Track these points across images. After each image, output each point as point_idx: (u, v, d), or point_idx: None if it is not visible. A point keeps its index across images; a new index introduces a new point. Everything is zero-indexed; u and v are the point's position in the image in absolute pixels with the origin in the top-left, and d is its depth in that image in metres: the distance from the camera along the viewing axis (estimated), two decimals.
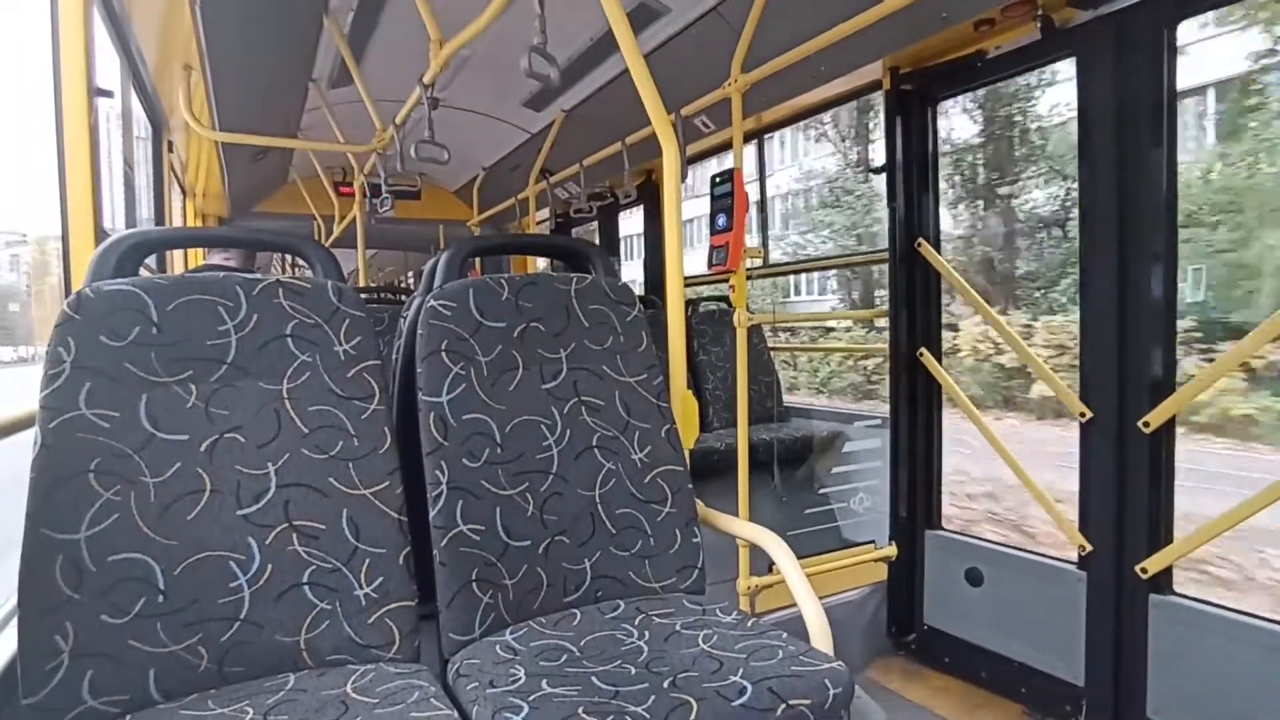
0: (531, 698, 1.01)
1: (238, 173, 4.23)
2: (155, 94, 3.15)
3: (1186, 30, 1.94)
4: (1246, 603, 3.69)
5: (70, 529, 1.05)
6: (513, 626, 1.27)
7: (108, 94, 2.62)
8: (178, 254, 3.92)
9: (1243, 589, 4.49)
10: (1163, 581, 1.89)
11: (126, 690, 1.04)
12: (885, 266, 2.59)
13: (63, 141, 1.57)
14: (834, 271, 12.95)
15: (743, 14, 2.22)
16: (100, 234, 1.61)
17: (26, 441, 1.11)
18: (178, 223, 4.20)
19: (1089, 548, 2.03)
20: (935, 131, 2.50)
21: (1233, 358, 1.79)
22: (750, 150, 3.80)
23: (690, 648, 1.16)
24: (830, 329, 11.82)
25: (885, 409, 2.66)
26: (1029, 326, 9.39)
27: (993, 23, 2.12)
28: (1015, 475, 2.28)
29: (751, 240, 3.11)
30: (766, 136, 3.86)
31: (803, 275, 15.13)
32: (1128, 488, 1.95)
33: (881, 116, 2.67)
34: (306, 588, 1.16)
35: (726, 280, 2.31)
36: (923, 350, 2.51)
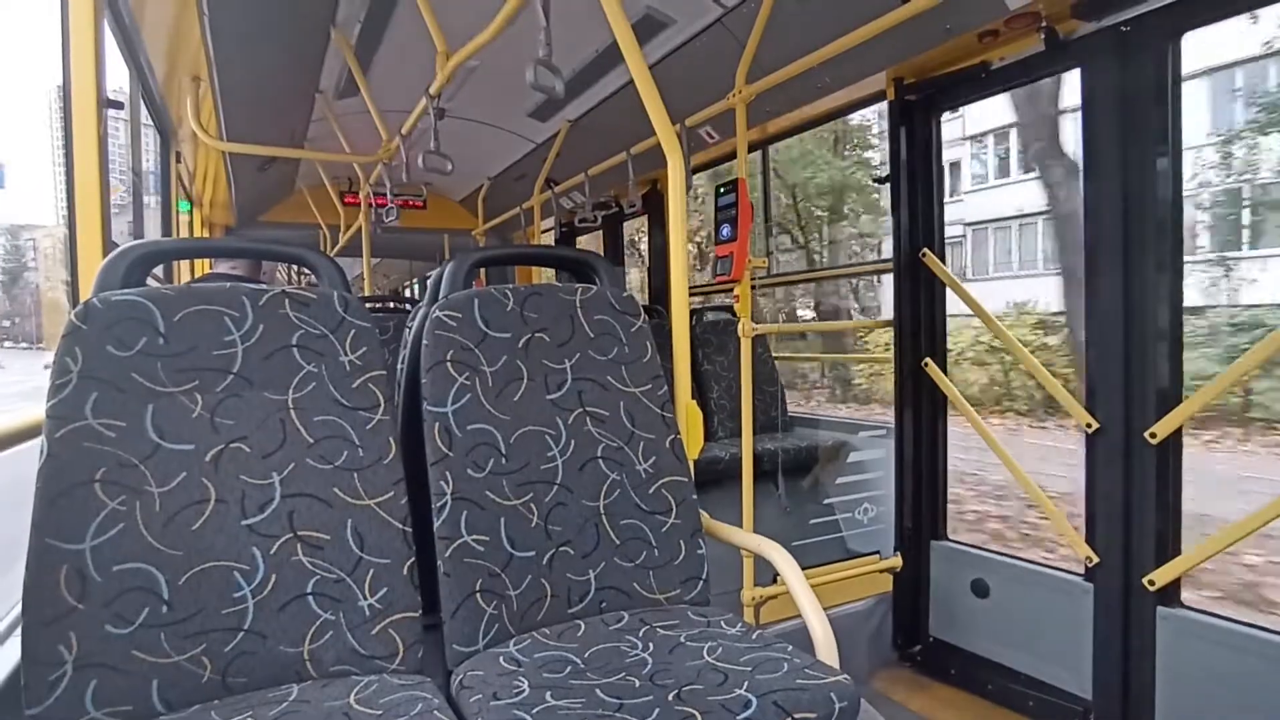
0: (535, 710, 1.00)
1: (244, 183, 4.26)
2: (164, 105, 3.18)
3: None
4: None
5: (75, 538, 1.05)
6: (517, 638, 1.26)
7: (118, 105, 2.65)
8: (185, 263, 3.94)
9: None
10: (1171, 594, 1.88)
11: (130, 701, 1.04)
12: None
13: (72, 152, 1.58)
14: None
15: (747, 26, 2.23)
16: (108, 244, 1.62)
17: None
18: (185, 232, 4.22)
19: (1096, 559, 2.02)
20: (939, 142, 2.50)
21: (1238, 370, 1.78)
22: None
23: (695, 660, 1.15)
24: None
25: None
26: None
27: (997, 34, 2.12)
28: (1024, 487, 2.28)
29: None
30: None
31: None
32: (1134, 499, 1.94)
33: None
34: (310, 598, 1.16)
35: (731, 291, 2.32)
36: (927, 360, 2.50)
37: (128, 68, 2.72)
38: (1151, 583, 1.87)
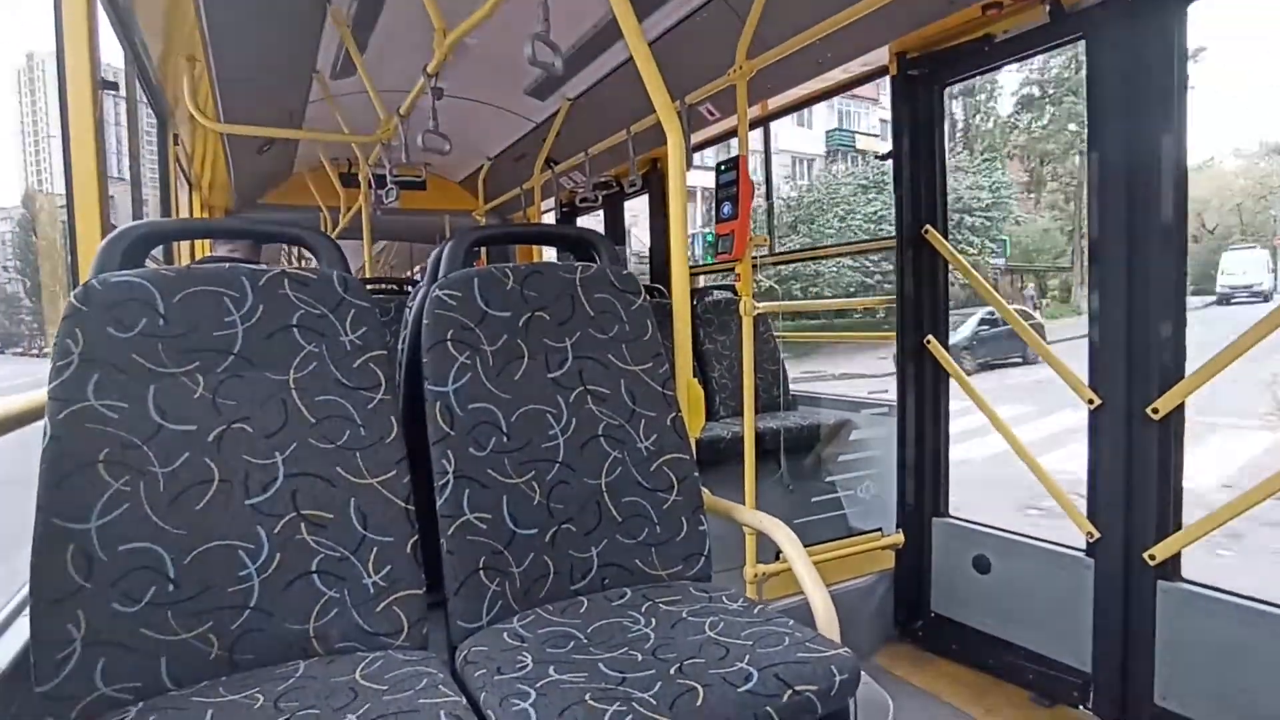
0: (539, 684, 1.02)
1: (243, 165, 4.24)
2: (160, 86, 3.15)
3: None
4: None
5: (80, 519, 1.05)
6: (520, 614, 1.28)
7: (113, 86, 2.62)
8: (184, 246, 3.93)
9: None
10: (1170, 568, 1.89)
11: (139, 678, 1.05)
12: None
13: (68, 135, 1.57)
14: None
15: (748, 0, 2.20)
16: (107, 227, 1.61)
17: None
18: (184, 215, 4.21)
19: (1097, 534, 2.03)
20: (942, 117, 2.48)
21: (1242, 345, 1.77)
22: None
23: (697, 634, 1.16)
24: None
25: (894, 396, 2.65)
26: None
27: (1000, 6, 2.10)
28: (1026, 462, 2.28)
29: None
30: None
31: None
32: (1135, 474, 1.94)
33: None
34: (315, 576, 1.17)
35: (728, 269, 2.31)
36: (930, 337, 2.50)
37: (123, 49, 2.70)
38: (1152, 557, 1.88)
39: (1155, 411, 1.87)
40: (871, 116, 26.23)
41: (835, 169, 25.80)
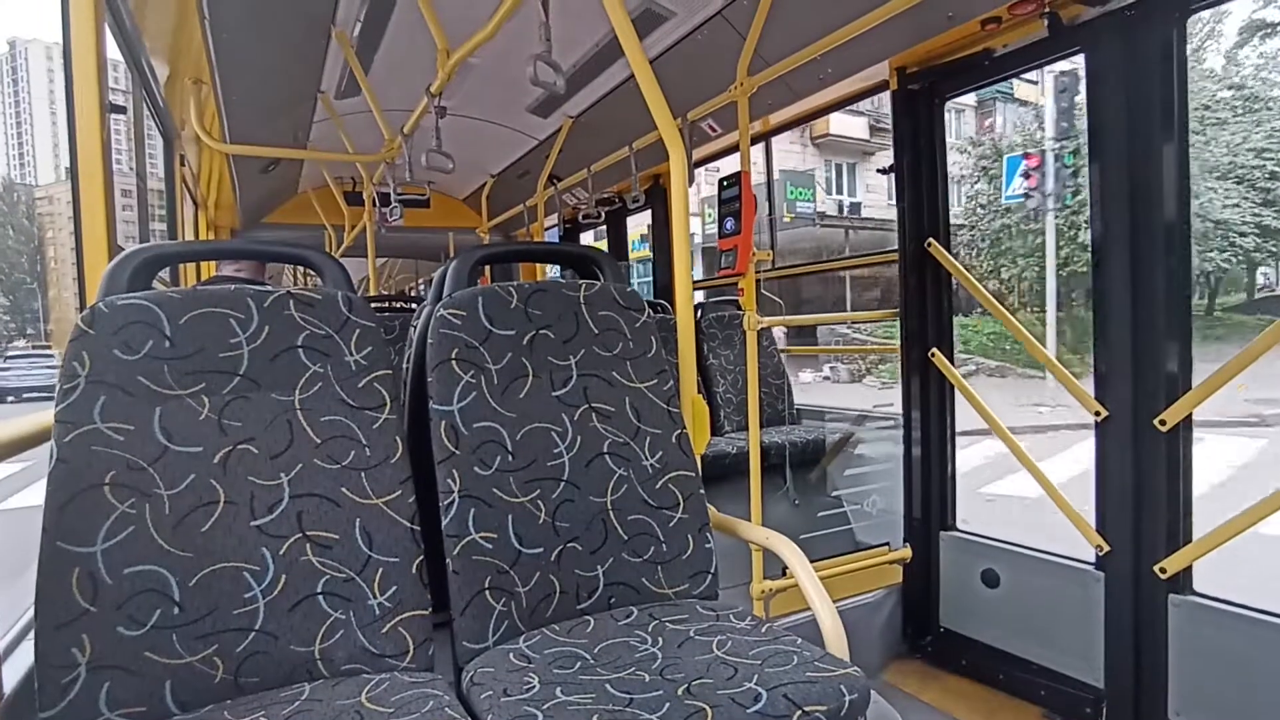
0: (546, 706, 1.01)
1: (249, 184, 4.27)
2: (166, 107, 3.18)
3: None
4: None
5: (86, 542, 1.05)
6: (526, 634, 1.27)
7: (121, 110, 2.65)
8: (191, 265, 3.95)
9: None
10: (1182, 581, 1.87)
11: (143, 702, 1.05)
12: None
13: (76, 157, 1.59)
14: None
15: (748, 17, 2.22)
16: (114, 249, 1.62)
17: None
18: (190, 235, 4.23)
19: (1107, 548, 2.01)
20: (943, 131, 2.49)
21: (1248, 355, 1.77)
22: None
23: (704, 654, 1.15)
24: None
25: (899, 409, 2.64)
26: None
27: (1000, 21, 2.11)
28: (1034, 476, 2.26)
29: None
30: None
31: None
32: (1145, 486, 1.93)
33: None
34: (320, 598, 1.17)
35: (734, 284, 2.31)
36: (935, 350, 2.49)
37: (130, 72, 2.73)
38: (1163, 570, 1.86)
39: (1163, 423, 1.86)
40: None
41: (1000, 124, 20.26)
